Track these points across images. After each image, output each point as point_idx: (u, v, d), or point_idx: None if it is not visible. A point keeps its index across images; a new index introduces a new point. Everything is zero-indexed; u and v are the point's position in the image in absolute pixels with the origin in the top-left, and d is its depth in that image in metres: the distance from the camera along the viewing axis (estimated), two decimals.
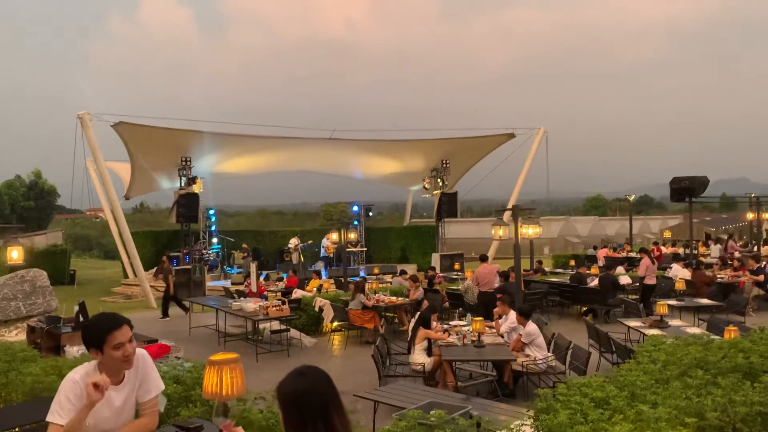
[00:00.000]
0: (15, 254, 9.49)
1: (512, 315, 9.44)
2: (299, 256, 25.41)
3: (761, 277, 15.35)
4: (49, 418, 2.78)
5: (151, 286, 20.31)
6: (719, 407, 3.65)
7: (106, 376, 2.91)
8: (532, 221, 11.61)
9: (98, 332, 2.90)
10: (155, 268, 23.83)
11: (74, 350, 8.57)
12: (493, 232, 11.87)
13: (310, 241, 26.48)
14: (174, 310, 16.34)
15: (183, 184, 20.76)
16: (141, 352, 3.12)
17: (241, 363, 3.27)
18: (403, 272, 17.28)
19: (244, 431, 2.64)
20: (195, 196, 20.81)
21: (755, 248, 22.86)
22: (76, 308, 10.28)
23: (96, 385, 2.73)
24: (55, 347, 9.64)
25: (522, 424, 3.62)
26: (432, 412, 4.20)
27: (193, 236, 22.61)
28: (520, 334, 8.76)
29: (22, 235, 31.24)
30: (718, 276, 15.65)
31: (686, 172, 19.11)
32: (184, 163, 20.77)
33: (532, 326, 8.74)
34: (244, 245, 25.30)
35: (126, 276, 24.62)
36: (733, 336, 7.19)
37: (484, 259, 14.13)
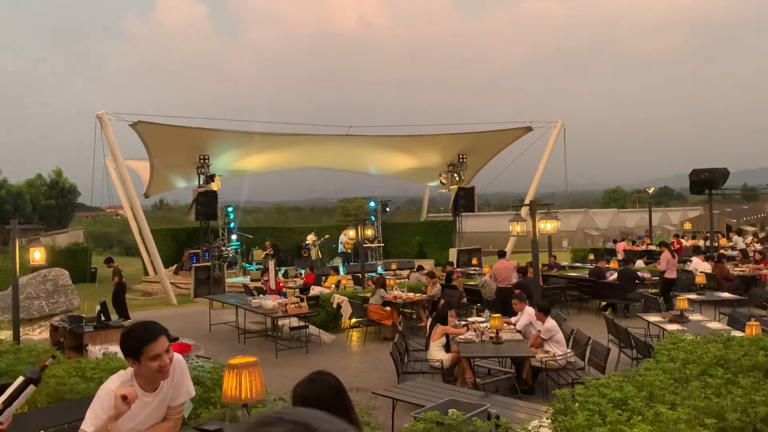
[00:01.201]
0: (37, 255, 9.59)
1: (527, 311, 9.44)
2: (317, 252, 25.53)
3: None
4: (82, 426, 2.83)
5: (171, 283, 20.51)
6: (739, 408, 3.62)
7: (138, 388, 2.94)
8: (550, 216, 11.53)
9: (135, 343, 2.90)
10: (175, 266, 24.07)
11: (96, 349, 8.70)
12: (510, 228, 11.82)
13: (326, 236, 26.57)
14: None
15: (201, 182, 20.92)
16: (177, 359, 3.11)
17: (261, 362, 3.31)
18: (420, 268, 17.27)
19: None
20: (213, 194, 20.96)
21: None
22: (98, 308, 10.42)
23: (124, 397, 2.77)
24: (77, 346, 9.78)
25: (540, 426, 3.62)
26: (450, 412, 4.22)
27: (212, 233, 22.78)
28: (539, 331, 8.73)
29: (43, 234, 31.66)
30: (738, 270, 15.46)
31: (707, 163, 18.89)
32: (202, 160, 20.92)
33: (551, 322, 8.71)
34: (267, 243, 25.44)
35: (146, 273, 24.87)
36: (755, 331, 7.13)
37: (502, 254, 14.09)
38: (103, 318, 10.28)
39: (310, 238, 25.79)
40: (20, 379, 2.94)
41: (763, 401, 3.70)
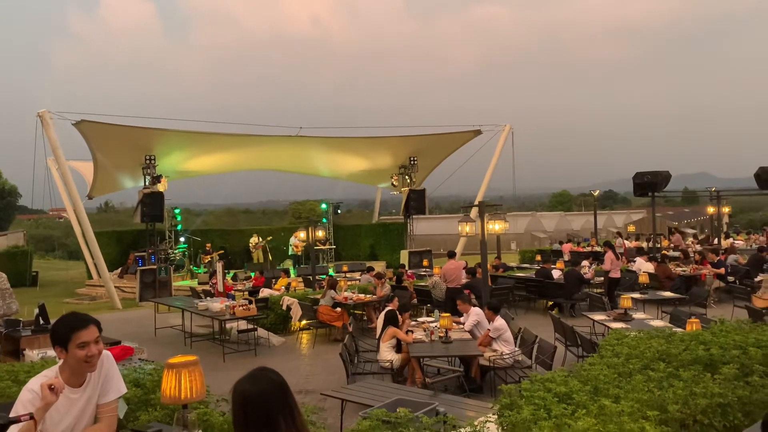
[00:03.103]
0: None
1: (474, 311, 9.51)
2: (263, 254, 25.20)
3: (722, 270, 15.67)
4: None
5: (116, 287, 19.97)
6: (680, 400, 3.69)
7: (64, 379, 2.85)
8: (498, 217, 11.65)
9: (64, 330, 2.88)
10: (120, 269, 23.44)
11: (34, 354, 8.37)
12: (459, 228, 11.89)
13: (269, 237, 26.21)
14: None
15: (147, 183, 20.43)
16: (105, 354, 3.09)
17: (206, 364, 3.22)
18: (370, 269, 17.25)
19: None
20: (160, 195, 20.48)
21: (715, 241, 23.33)
22: (36, 310, 10.04)
23: (51, 387, 2.66)
24: (14, 351, 9.39)
25: (486, 421, 3.61)
26: (398, 410, 4.19)
27: (158, 236, 22.27)
28: (489, 329, 8.79)
29: None
30: (680, 270, 15.91)
31: (649, 167, 19.42)
32: (148, 161, 20.42)
33: (500, 321, 8.78)
34: (208, 245, 24.88)
35: (90, 277, 24.18)
36: (695, 328, 7.32)
37: (451, 255, 14.17)
38: (41, 321, 9.90)
39: (253, 240, 25.42)
40: None
41: (703, 393, 3.79)
